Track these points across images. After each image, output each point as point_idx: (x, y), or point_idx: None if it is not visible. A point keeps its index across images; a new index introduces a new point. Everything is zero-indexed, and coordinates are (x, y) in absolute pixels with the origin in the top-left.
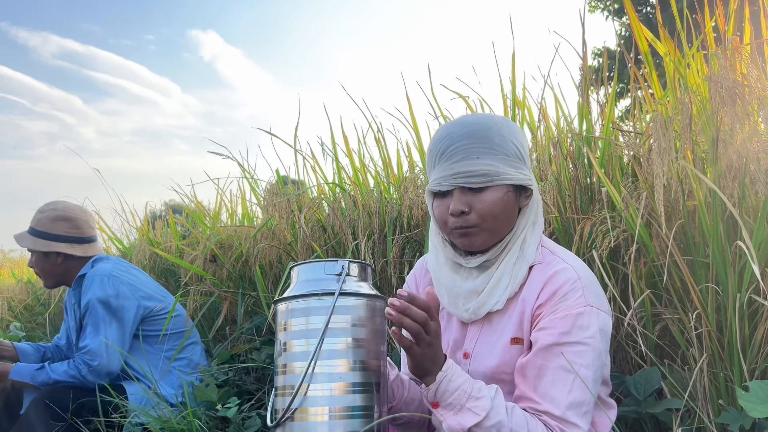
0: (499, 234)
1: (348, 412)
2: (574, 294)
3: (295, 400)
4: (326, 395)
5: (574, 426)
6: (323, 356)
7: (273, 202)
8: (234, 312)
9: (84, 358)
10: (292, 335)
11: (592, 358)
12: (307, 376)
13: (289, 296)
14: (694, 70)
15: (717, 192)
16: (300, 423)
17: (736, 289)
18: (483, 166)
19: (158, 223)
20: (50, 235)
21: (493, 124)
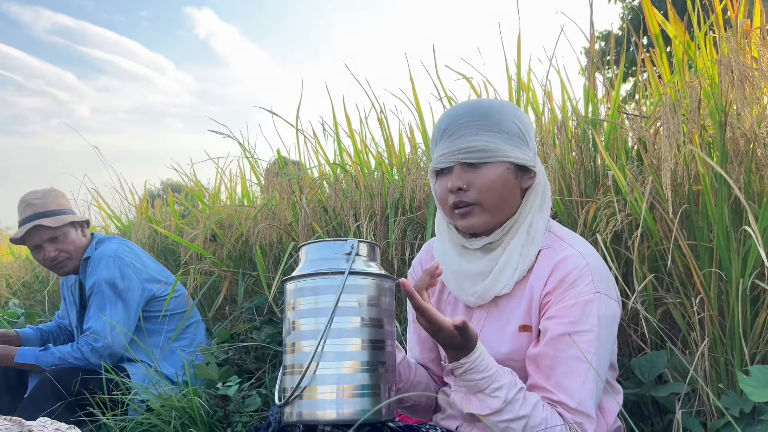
0: (499, 214)
1: (356, 390)
2: (583, 281)
3: (303, 378)
4: (335, 374)
5: (588, 417)
6: (332, 335)
7: (274, 182)
8: (234, 291)
9: (88, 340)
10: (301, 314)
11: (602, 345)
12: (316, 355)
13: (298, 275)
14: (704, 53)
15: (723, 176)
16: (308, 401)
17: (739, 274)
18: (482, 142)
19: (157, 201)
20: (63, 210)
21: (496, 104)
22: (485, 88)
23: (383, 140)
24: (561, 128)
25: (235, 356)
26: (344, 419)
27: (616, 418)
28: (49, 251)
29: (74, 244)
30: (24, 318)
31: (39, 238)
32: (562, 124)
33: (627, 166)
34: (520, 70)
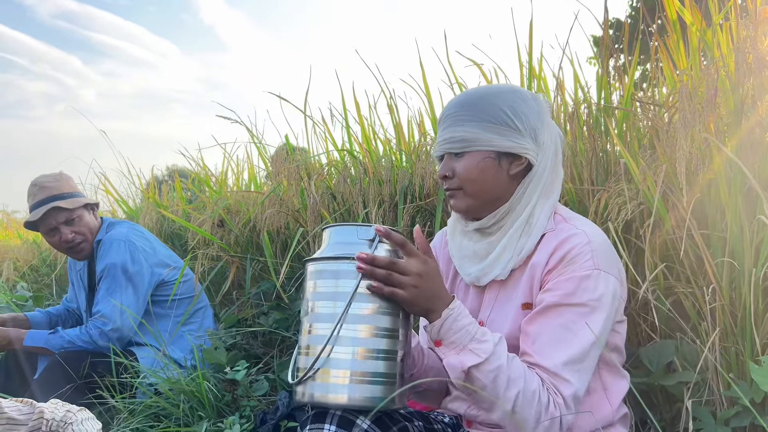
0: (484, 199)
1: (369, 377)
2: (582, 258)
3: (317, 361)
4: (349, 359)
5: (564, 381)
6: (349, 320)
7: (281, 168)
8: (241, 277)
9: (96, 323)
10: (320, 296)
11: (595, 321)
12: (331, 339)
13: (321, 257)
14: (721, 40)
15: (739, 164)
16: (321, 384)
17: (752, 264)
18: (462, 132)
19: (164, 186)
20: (76, 193)
21: (490, 92)
22: (496, 75)
23: (392, 127)
24: (572, 116)
25: (243, 341)
26: (355, 405)
27: (621, 403)
28: (66, 233)
29: (89, 227)
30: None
31: (55, 220)
32: (573, 112)
33: (639, 154)
34: (532, 57)
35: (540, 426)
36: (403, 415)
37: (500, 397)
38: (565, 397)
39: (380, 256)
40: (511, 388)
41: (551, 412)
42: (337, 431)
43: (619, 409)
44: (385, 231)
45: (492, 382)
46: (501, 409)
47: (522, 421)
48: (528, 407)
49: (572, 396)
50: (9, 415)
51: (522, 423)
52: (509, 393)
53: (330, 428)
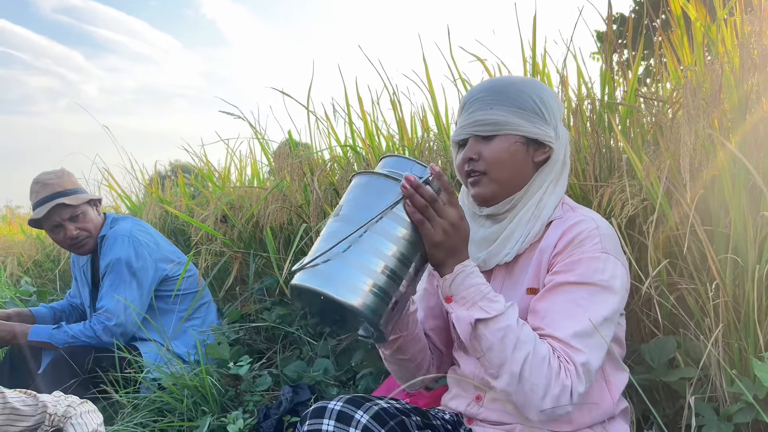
0: (508, 185)
1: (370, 286)
2: (591, 241)
3: (329, 252)
4: (358, 261)
5: (577, 350)
6: (374, 230)
7: (284, 164)
8: (244, 272)
9: (100, 318)
10: (355, 203)
11: (605, 301)
12: (351, 237)
13: (370, 171)
14: (726, 36)
15: (742, 159)
16: (319, 272)
17: (756, 260)
18: (493, 116)
19: (167, 182)
20: (79, 190)
21: (517, 81)
22: (499, 71)
23: (395, 122)
24: (576, 111)
25: (246, 336)
26: (342, 301)
27: (621, 396)
28: (70, 230)
29: (93, 222)
30: (36, 296)
31: (59, 217)
32: (577, 108)
33: (643, 150)
34: (536, 53)
35: (549, 394)
36: (401, 409)
37: (507, 359)
38: (576, 365)
39: (426, 188)
40: (519, 350)
41: (562, 379)
42: (336, 425)
43: (619, 402)
44: (439, 173)
45: (500, 341)
46: (508, 372)
47: (530, 387)
48: (537, 372)
49: (584, 365)
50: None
51: (530, 390)
52: (517, 354)
53: (329, 423)
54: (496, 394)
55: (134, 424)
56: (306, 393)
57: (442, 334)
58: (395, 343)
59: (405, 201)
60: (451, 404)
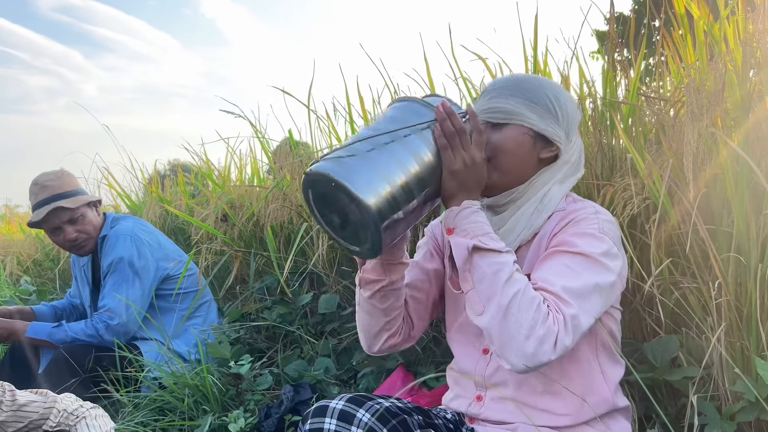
0: (509, 175)
1: (382, 186)
2: (588, 221)
3: (352, 148)
4: (377, 159)
5: (568, 303)
6: (399, 141)
7: (285, 163)
8: (245, 271)
9: (103, 317)
10: (388, 118)
11: (597, 271)
12: (376, 140)
13: (410, 97)
14: (728, 35)
15: (744, 157)
16: (342, 163)
17: (758, 259)
18: (507, 105)
19: (167, 181)
20: (79, 191)
21: (537, 78)
22: (501, 70)
23: None
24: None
25: (247, 335)
26: (358, 196)
27: (620, 391)
28: (69, 233)
29: (92, 224)
30: (36, 295)
31: (58, 219)
32: (578, 106)
33: (645, 148)
34: (537, 52)
35: (534, 334)
36: (403, 408)
37: (497, 292)
38: (565, 316)
39: (459, 119)
40: (511, 286)
41: (549, 324)
42: (338, 424)
43: (618, 395)
44: (474, 114)
45: (493, 274)
46: (496, 304)
47: (515, 324)
48: (525, 310)
49: (573, 317)
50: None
51: (515, 328)
52: (508, 289)
53: (331, 422)
54: (497, 392)
55: (135, 423)
56: (307, 392)
57: (419, 307)
58: (377, 285)
59: (436, 125)
60: (452, 405)
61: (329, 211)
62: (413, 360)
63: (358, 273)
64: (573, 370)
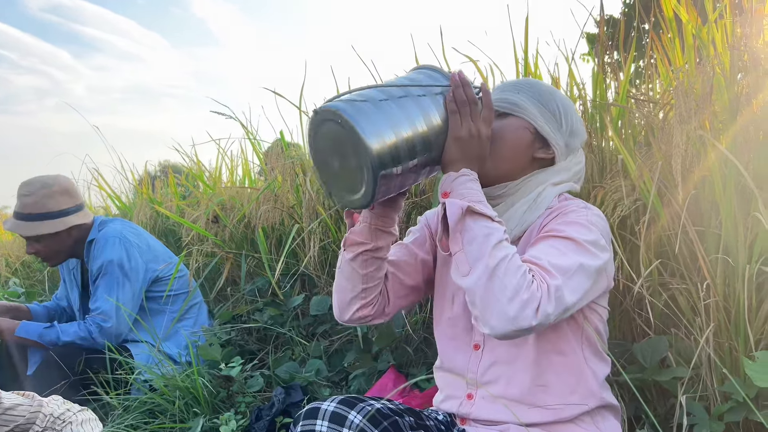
0: (503, 165)
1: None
2: (577, 213)
3: (366, 92)
4: (387, 108)
5: (553, 275)
6: (410, 96)
7: (276, 164)
8: (236, 273)
9: (96, 320)
10: (404, 78)
11: (584, 253)
12: (390, 92)
13: (430, 65)
14: (716, 38)
15: (732, 160)
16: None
17: (746, 260)
18: (515, 98)
19: (157, 182)
20: (59, 213)
21: (550, 87)
22: (491, 72)
23: None
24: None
25: (238, 337)
26: (364, 139)
27: (607, 387)
28: (31, 248)
29: (56, 248)
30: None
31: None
32: None
33: (635, 150)
34: (528, 54)
35: (517, 297)
36: (394, 410)
37: (486, 254)
38: (550, 286)
39: (472, 90)
40: (500, 250)
41: (533, 290)
42: (330, 426)
43: (605, 391)
44: (487, 91)
45: (484, 236)
46: (483, 265)
47: (500, 286)
48: (512, 274)
49: (557, 289)
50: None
51: (499, 290)
52: (497, 252)
53: (322, 423)
54: (487, 390)
55: (125, 426)
56: (298, 394)
57: (399, 287)
58: (361, 248)
59: (449, 92)
60: (443, 406)
61: (330, 154)
62: (405, 362)
63: (345, 235)
64: (560, 363)
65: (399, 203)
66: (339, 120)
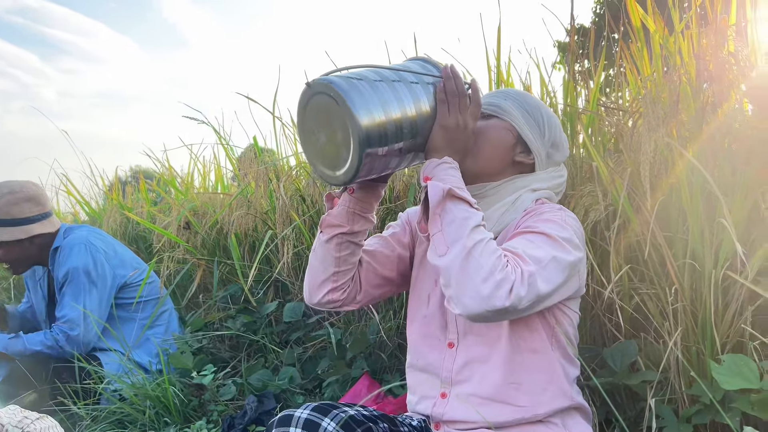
0: (482, 164)
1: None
2: (552, 212)
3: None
4: (380, 88)
5: (527, 262)
6: (402, 82)
7: (249, 170)
8: (208, 280)
9: (62, 328)
10: (398, 65)
11: (558, 247)
12: (385, 74)
13: (424, 57)
14: (683, 48)
15: (699, 169)
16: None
17: (712, 265)
18: (502, 103)
19: (128, 188)
20: (23, 220)
21: (538, 100)
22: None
23: None
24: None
25: (210, 345)
26: (354, 114)
27: (578, 390)
28: None
29: (18, 256)
30: None
31: None
32: None
33: (605, 157)
34: (500, 62)
35: (492, 278)
36: (368, 416)
37: (464, 236)
38: (523, 271)
39: (463, 84)
40: (478, 233)
41: (507, 272)
42: None
43: (575, 392)
44: (477, 88)
45: (463, 219)
46: (460, 245)
47: (475, 267)
48: (487, 255)
49: (530, 275)
50: None
51: (474, 270)
52: (475, 235)
53: (296, 431)
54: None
55: None
56: (271, 402)
57: (373, 276)
58: (337, 230)
59: (440, 82)
60: (418, 408)
61: (317, 128)
62: (379, 368)
63: (323, 217)
64: (532, 361)
65: (379, 191)
66: (331, 93)
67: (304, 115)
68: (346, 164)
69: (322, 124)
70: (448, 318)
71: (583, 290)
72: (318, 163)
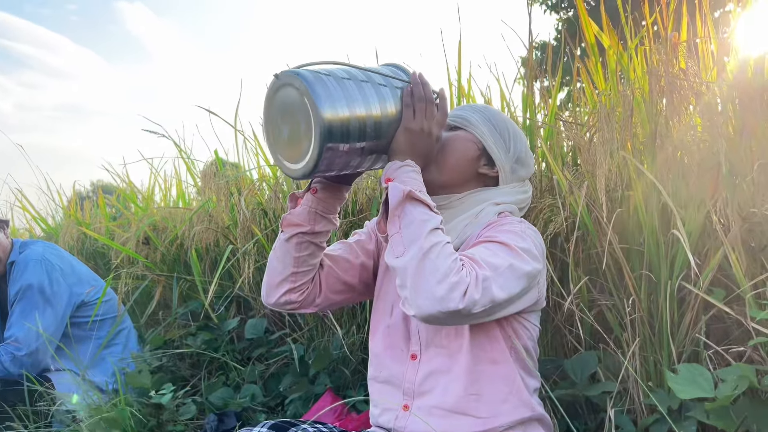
0: (446, 175)
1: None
2: (513, 224)
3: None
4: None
5: (483, 267)
6: (369, 84)
7: (211, 184)
8: (167, 296)
9: (9, 348)
10: (368, 68)
11: (515, 256)
12: (353, 73)
13: (394, 62)
14: (636, 64)
15: (654, 182)
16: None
17: (667, 276)
18: (468, 116)
19: (86, 203)
20: None
21: (505, 116)
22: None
23: None
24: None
25: (170, 363)
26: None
27: (539, 401)
28: None
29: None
30: None
31: None
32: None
33: (564, 170)
34: (461, 77)
35: (447, 280)
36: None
37: (421, 237)
38: (478, 275)
39: (431, 91)
40: (435, 236)
41: (462, 275)
42: None
43: (536, 402)
44: (445, 97)
45: (421, 222)
46: (417, 247)
47: (431, 269)
48: (443, 258)
49: (485, 279)
50: None
51: (430, 272)
52: (432, 237)
53: None
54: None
55: None
56: (232, 420)
57: (333, 281)
58: (298, 229)
59: (407, 87)
60: (380, 420)
61: (281, 121)
62: (342, 384)
63: (284, 215)
64: (492, 372)
65: (342, 194)
66: (297, 84)
67: (271, 107)
68: (306, 157)
69: (287, 116)
70: (411, 329)
71: (543, 303)
72: (279, 155)
